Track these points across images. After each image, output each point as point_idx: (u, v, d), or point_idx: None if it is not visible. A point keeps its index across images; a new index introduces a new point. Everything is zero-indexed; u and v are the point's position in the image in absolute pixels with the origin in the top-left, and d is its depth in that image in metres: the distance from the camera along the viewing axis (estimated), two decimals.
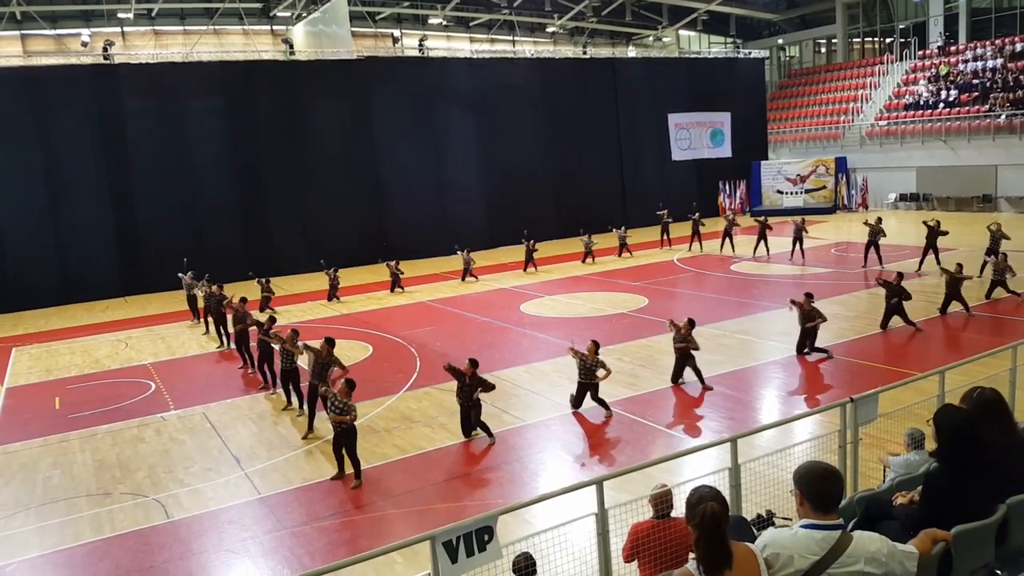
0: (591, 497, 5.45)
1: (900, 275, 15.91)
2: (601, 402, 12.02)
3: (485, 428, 11.34)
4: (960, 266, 16.52)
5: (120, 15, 32.49)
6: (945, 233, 21.19)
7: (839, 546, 3.34)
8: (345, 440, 10.03)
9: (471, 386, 11.19)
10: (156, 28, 34.21)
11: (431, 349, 16.77)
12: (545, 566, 5.51)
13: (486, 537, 4.79)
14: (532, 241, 27.12)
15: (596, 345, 12.03)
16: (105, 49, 28.80)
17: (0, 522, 9.64)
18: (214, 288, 19.05)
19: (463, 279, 25.48)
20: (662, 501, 5.75)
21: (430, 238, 31.58)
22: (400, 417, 12.58)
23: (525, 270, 26.53)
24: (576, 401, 12.18)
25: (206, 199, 28.68)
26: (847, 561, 3.32)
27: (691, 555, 3.74)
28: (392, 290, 24.39)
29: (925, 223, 21.47)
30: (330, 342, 12.19)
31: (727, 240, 27.21)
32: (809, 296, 14.63)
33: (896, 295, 15.46)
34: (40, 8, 31.09)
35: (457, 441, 11.30)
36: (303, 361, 12.80)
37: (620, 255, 28.10)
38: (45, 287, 26.28)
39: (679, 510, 5.19)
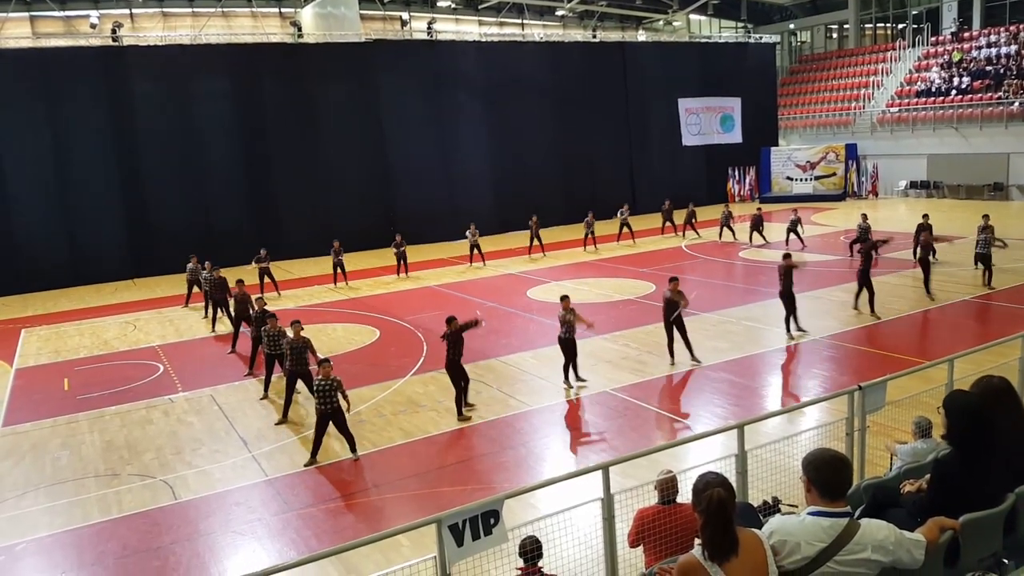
0: (597, 482, 5.45)
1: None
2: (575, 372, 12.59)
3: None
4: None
5: None
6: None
7: (846, 534, 3.33)
8: (335, 420, 10.16)
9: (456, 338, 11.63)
10: (164, 10, 34.04)
11: (438, 334, 16.70)
12: (551, 550, 5.53)
13: (492, 521, 4.80)
14: (534, 217, 26.78)
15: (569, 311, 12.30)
16: (114, 31, 28.74)
17: (10, 502, 9.73)
18: (216, 273, 19.09)
19: (475, 259, 25.48)
20: (668, 487, 5.77)
21: (438, 222, 31.50)
22: (406, 401, 12.62)
23: (532, 253, 26.46)
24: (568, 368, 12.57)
25: (214, 181, 28.70)
26: (854, 549, 3.31)
27: (697, 541, 3.74)
28: (399, 272, 24.38)
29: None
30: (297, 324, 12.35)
31: (725, 228, 27.20)
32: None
33: (868, 250, 15.91)
34: None
35: (463, 425, 11.33)
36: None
37: (619, 240, 27.95)
38: (54, 269, 26.37)
39: (685, 496, 5.20)
